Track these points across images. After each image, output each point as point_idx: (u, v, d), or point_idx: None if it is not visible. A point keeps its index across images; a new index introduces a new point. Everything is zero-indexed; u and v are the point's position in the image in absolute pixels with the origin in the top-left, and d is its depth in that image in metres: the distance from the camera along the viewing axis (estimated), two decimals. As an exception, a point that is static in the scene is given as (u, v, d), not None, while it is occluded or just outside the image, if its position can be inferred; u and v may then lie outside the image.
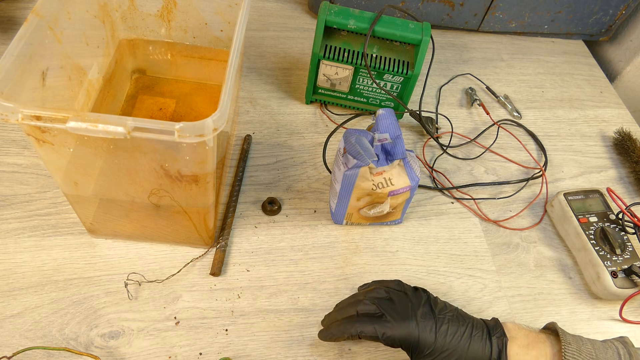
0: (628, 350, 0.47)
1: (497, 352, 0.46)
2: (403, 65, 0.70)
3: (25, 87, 0.43)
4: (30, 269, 0.54)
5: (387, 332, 0.47)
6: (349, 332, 0.48)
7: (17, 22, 0.77)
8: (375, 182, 0.56)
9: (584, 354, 0.45)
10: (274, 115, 0.75)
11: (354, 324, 0.48)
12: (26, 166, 0.62)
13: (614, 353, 0.47)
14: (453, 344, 0.46)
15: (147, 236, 0.57)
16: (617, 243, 0.63)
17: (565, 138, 0.82)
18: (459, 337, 0.46)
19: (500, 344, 0.46)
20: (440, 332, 0.46)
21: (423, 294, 0.50)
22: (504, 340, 0.46)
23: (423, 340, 0.46)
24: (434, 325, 0.47)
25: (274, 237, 0.62)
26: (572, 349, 0.45)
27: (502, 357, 0.46)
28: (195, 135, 0.38)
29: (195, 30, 0.61)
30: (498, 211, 0.70)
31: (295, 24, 0.90)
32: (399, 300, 0.49)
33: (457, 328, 0.47)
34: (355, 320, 0.49)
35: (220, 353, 0.52)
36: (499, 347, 0.46)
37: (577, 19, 0.94)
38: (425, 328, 0.46)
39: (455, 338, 0.46)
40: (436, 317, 0.47)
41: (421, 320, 0.47)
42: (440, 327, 0.47)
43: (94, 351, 0.50)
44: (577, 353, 0.45)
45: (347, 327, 0.49)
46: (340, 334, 0.49)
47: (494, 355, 0.46)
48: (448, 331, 0.46)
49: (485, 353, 0.46)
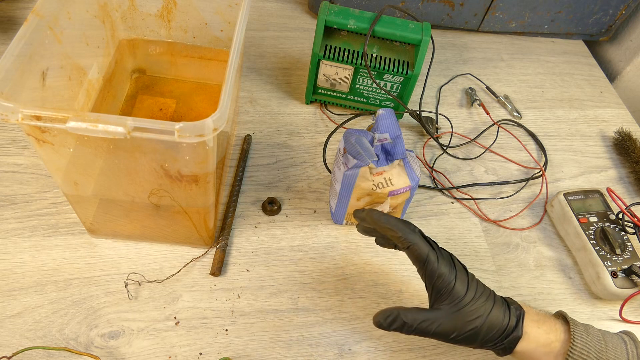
0: (632, 338, 0.49)
1: (514, 321, 0.47)
2: (403, 65, 0.70)
3: (25, 87, 0.43)
4: (30, 269, 0.54)
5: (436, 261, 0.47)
6: (406, 235, 0.48)
7: (17, 22, 0.77)
8: (375, 182, 0.56)
9: (591, 335, 0.47)
10: (274, 115, 0.75)
11: (413, 232, 0.48)
12: (26, 166, 0.62)
13: (619, 339, 0.48)
14: (480, 301, 0.47)
15: (147, 236, 0.57)
16: (617, 243, 0.63)
17: (565, 138, 0.82)
18: (485, 298, 0.47)
19: (518, 315, 0.48)
20: (472, 286, 0.47)
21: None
22: (522, 312, 0.48)
23: (458, 286, 0.47)
24: (467, 278, 0.48)
25: (274, 237, 0.62)
26: (580, 329, 0.47)
27: (519, 326, 0.47)
28: (195, 135, 0.38)
29: (195, 30, 0.61)
30: (498, 211, 0.70)
31: (295, 24, 0.90)
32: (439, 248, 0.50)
33: (483, 289, 0.48)
34: (415, 231, 0.49)
35: (220, 353, 0.52)
36: (517, 317, 0.47)
37: (577, 19, 0.94)
38: (460, 277, 0.47)
39: (481, 298, 0.47)
40: (469, 276, 0.49)
41: (459, 271, 0.48)
42: (471, 281, 0.48)
43: (94, 351, 0.50)
44: (585, 334, 0.47)
45: (405, 229, 0.48)
46: (395, 228, 0.49)
47: (512, 323, 0.47)
48: (477, 289, 0.48)
49: (504, 319, 0.47)
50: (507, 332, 0.47)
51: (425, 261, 0.47)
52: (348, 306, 0.57)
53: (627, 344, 0.48)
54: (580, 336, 0.47)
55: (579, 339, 0.47)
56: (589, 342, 0.46)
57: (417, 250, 0.48)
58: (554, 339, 0.47)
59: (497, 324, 0.46)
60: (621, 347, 0.47)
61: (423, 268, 0.48)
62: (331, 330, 0.55)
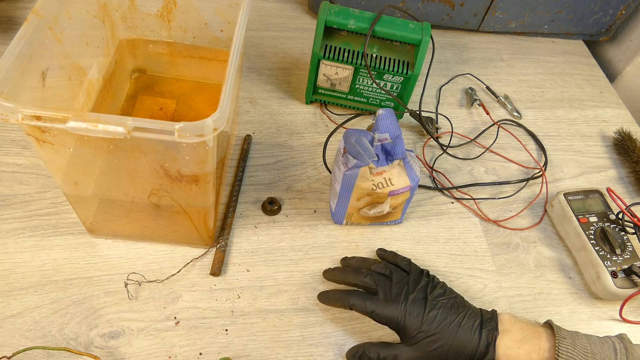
0: (624, 345, 0.47)
1: (485, 345, 0.47)
2: (403, 65, 0.70)
3: (25, 87, 0.43)
4: (30, 269, 0.54)
5: (376, 310, 0.50)
6: (343, 302, 0.53)
7: (17, 22, 0.77)
8: (375, 182, 0.56)
9: (578, 347, 0.46)
10: (274, 115, 0.75)
11: (348, 296, 0.52)
12: (26, 166, 0.62)
13: (610, 347, 0.47)
14: (439, 329, 0.47)
15: (147, 236, 0.57)
16: (617, 243, 0.63)
17: (565, 138, 0.82)
18: (447, 325, 0.48)
19: (490, 337, 0.47)
20: (428, 317, 0.48)
21: (424, 279, 0.53)
22: (495, 334, 0.48)
23: (409, 323, 0.48)
24: (423, 310, 0.49)
25: (274, 237, 0.62)
26: (566, 343, 0.46)
27: (490, 349, 0.47)
28: (195, 135, 0.38)
29: (195, 30, 0.61)
30: (498, 211, 0.70)
31: (295, 24, 0.90)
32: (398, 280, 0.52)
33: (446, 315, 0.48)
34: (350, 293, 0.53)
35: (220, 353, 0.52)
36: (488, 340, 0.47)
37: (577, 19, 0.94)
38: (412, 312, 0.49)
39: (443, 325, 0.48)
40: (428, 303, 0.49)
41: (410, 304, 0.49)
42: (429, 312, 0.49)
43: (94, 351, 0.50)
44: (572, 347, 0.46)
45: (342, 297, 0.53)
46: (336, 301, 0.54)
47: (482, 347, 0.47)
48: (436, 318, 0.48)
49: (472, 343, 0.47)
50: (478, 356, 0.46)
51: (369, 313, 0.50)
52: (348, 306, 0.57)
53: (617, 353, 0.46)
54: (566, 351, 0.45)
55: (564, 356, 0.45)
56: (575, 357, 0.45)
57: (358, 309, 0.51)
58: (536, 358, 0.46)
59: (464, 348, 0.47)
60: (610, 357, 0.46)
61: (372, 319, 0.51)
62: (331, 330, 0.55)
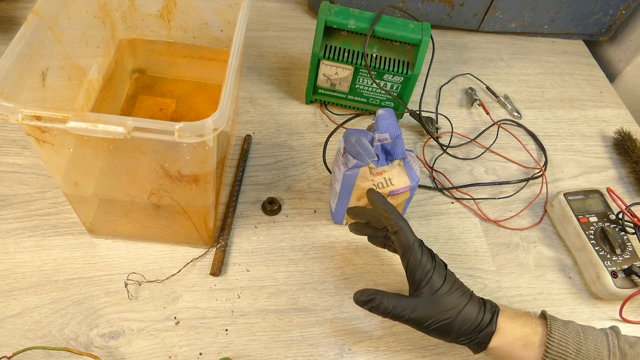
0: (615, 331, 0.50)
1: (489, 317, 0.49)
2: (403, 65, 0.70)
3: (25, 87, 0.43)
4: (30, 269, 0.54)
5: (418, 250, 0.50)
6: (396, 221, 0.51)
7: (17, 22, 0.77)
8: (375, 182, 0.56)
9: (569, 328, 0.48)
10: (274, 115, 0.75)
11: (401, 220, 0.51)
12: (26, 166, 0.62)
13: (601, 332, 0.49)
14: (454, 296, 0.49)
15: (147, 236, 0.57)
16: (617, 243, 0.63)
17: (565, 138, 0.82)
18: (460, 293, 0.49)
19: (493, 311, 0.49)
20: (447, 281, 0.49)
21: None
22: (497, 309, 0.50)
23: (433, 280, 0.49)
24: (445, 275, 0.50)
25: (274, 237, 0.62)
26: (558, 323, 0.49)
27: (493, 321, 0.49)
28: (195, 135, 0.38)
29: (195, 30, 0.61)
30: (498, 211, 0.70)
31: (295, 24, 0.90)
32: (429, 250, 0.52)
33: (460, 286, 0.50)
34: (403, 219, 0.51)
35: (220, 353, 0.52)
36: (492, 313, 0.49)
37: (577, 19, 0.94)
38: (438, 271, 0.50)
39: (457, 293, 0.49)
40: (447, 271, 0.51)
41: (438, 265, 0.50)
42: (448, 276, 0.50)
43: (94, 351, 0.50)
44: (563, 327, 0.48)
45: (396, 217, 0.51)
46: (388, 216, 0.51)
47: (486, 318, 0.49)
48: (453, 285, 0.50)
49: (479, 314, 0.49)
50: (481, 326, 0.48)
51: (409, 248, 0.50)
52: (348, 306, 0.57)
53: (608, 335, 0.49)
54: (558, 328, 0.48)
55: (557, 330, 0.48)
56: (567, 335, 0.48)
57: (404, 237, 0.50)
58: (530, 332, 0.49)
59: (471, 317, 0.48)
60: (601, 338, 0.48)
61: (407, 255, 0.50)
62: (331, 330, 0.55)
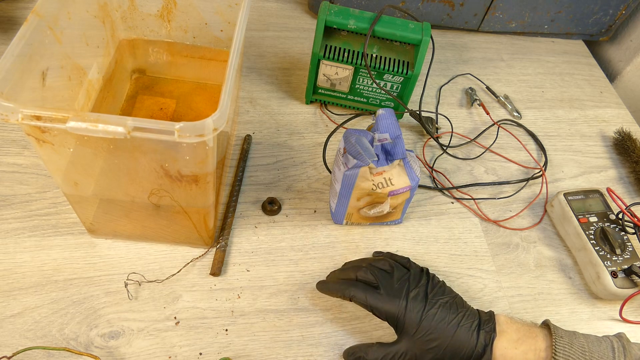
0: (622, 344, 0.47)
1: (482, 346, 0.47)
2: (403, 65, 0.70)
3: (25, 87, 0.43)
4: (30, 269, 0.54)
5: (376, 304, 0.49)
6: (343, 293, 0.51)
7: (17, 22, 0.77)
8: (375, 182, 0.56)
9: (575, 347, 0.46)
10: (274, 115, 0.75)
11: (349, 287, 0.51)
12: (26, 166, 0.62)
13: (608, 346, 0.47)
14: (438, 328, 0.47)
15: (147, 236, 0.57)
16: (617, 243, 0.63)
17: (565, 138, 0.82)
18: (446, 324, 0.48)
19: (488, 339, 0.47)
20: (428, 315, 0.48)
21: (425, 277, 0.52)
22: (492, 335, 0.47)
23: (408, 319, 0.48)
24: (423, 307, 0.48)
25: (274, 237, 0.62)
26: (563, 342, 0.46)
27: (487, 351, 0.46)
28: (195, 135, 0.38)
29: (195, 30, 0.61)
30: (498, 211, 0.70)
31: (295, 24, 0.90)
32: (399, 277, 0.51)
33: (446, 314, 0.48)
34: (351, 284, 0.51)
35: (220, 353, 0.52)
36: (485, 342, 0.47)
37: (577, 19, 0.94)
38: (413, 309, 0.48)
39: (442, 323, 0.48)
40: (428, 301, 0.49)
41: (411, 301, 0.49)
42: (429, 310, 0.48)
43: (94, 351, 0.50)
44: (569, 346, 0.46)
45: (342, 288, 0.52)
46: (335, 291, 0.53)
47: (479, 348, 0.47)
48: (436, 316, 0.48)
49: (470, 343, 0.47)
50: (475, 357, 0.46)
51: (368, 307, 0.50)
52: (348, 306, 0.57)
53: (615, 351, 0.46)
54: (563, 350, 0.45)
55: (561, 354, 0.45)
56: (572, 356, 0.45)
57: (358, 300, 0.50)
58: (533, 358, 0.46)
59: (461, 348, 0.47)
60: (608, 355, 0.46)
61: (372, 311, 0.50)
62: (331, 330, 0.55)
